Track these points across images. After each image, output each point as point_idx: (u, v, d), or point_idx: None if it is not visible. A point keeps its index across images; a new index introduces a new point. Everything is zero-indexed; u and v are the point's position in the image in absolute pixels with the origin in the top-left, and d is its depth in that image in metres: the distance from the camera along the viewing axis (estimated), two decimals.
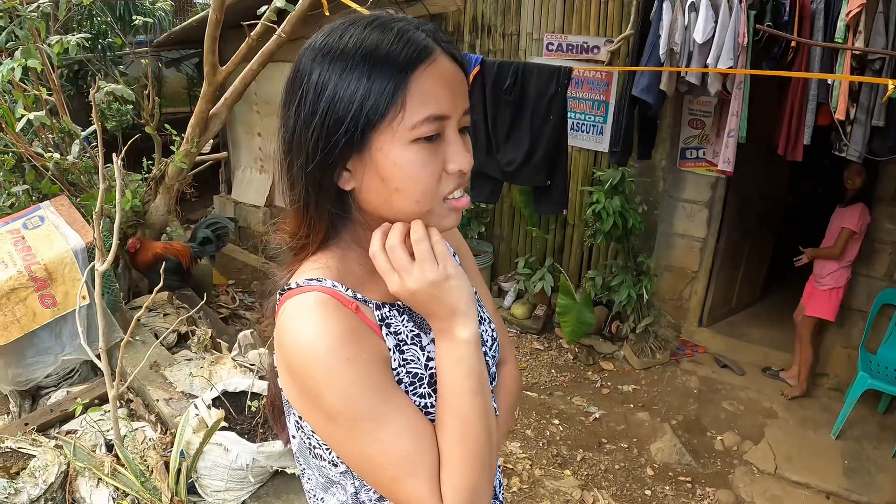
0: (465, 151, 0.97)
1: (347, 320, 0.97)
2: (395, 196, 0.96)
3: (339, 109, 0.91)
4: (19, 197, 4.11)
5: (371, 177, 0.96)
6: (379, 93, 0.89)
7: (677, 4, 3.84)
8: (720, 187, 5.08)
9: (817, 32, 3.69)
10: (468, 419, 0.96)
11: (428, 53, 0.92)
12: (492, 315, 1.29)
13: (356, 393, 0.92)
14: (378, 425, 0.93)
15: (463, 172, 0.98)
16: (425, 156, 0.93)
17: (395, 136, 0.91)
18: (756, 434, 4.51)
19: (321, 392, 0.93)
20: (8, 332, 3.36)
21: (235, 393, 3.18)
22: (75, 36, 3.63)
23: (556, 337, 5.77)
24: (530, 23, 5.44)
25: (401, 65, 0.90)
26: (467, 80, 1.03)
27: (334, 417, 0.94)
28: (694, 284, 5.46)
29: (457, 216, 1.03)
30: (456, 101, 0.96)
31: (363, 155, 0.94)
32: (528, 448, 4.33)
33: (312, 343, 0.92)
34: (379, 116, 0.90)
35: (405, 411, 0.96)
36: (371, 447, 0.94)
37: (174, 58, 8.24)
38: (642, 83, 4.15)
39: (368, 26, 0.94)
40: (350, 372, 0.92)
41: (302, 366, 0.93)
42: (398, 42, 0.91)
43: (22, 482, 2.81)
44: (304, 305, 0.96)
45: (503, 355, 1.30)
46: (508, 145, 4.27)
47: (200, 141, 4.38)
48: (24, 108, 3.74)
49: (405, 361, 1.04)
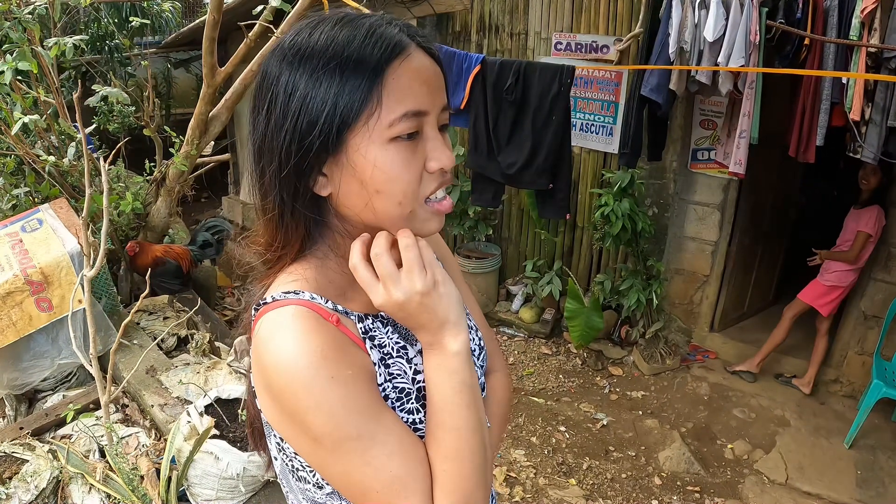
0: (444, 148, 0.93)
1: (329, 335, 0.91)
2: (375, 199, 0.91)
3: (312, 110, 0.86)
4: (20, 199, 4.09)
5: (349, 180, 0.91)
6: (352, 91, 0.85)
7: (687, 2, 3.75)
8: (732, 189, 4.97)
9: (831, 30, 3.58)
10: (461, 434, 0.91)
11: (402, 49, 0.88)
12: (479, 323, 1.24)
13: (341, 413, 0.86)
14: (366, 446, 0.87)
15: (444, 171, 0.94)
16: (405, 155, 0.89)
17: (371, 135, 0.87)
18: (767, 443, 4.41)
19: (304, 413, 0.87)
20: (3, 335, 3.34)
21: (229, 400, 3.13)
22: (72, 38, 3.59)
23: (564, 341, 5.69)
24: (538, 22, 5.36)
25: (374, 61, 0.86)
26: (444, 77, 0.97)
27: (319, 439, 0.88)
28: (705, 289, 5.35)
29: (440, 220, 0.99)
30: (434, 96, 0.91)
31: (339, 157, 0.90)
32: (533, 456, 4.25)
33: (292, 361, 0.86)
34: (354, 116, 0.86)
35: (394, 430, 0.90)
36: (359, 469, 0.88)
37: (183, 59, 8.22)
38: (651, 83, 4.06)
39: (338, 24, 0.90)
40: (334, 391, 0.86)
41: (282, 386, 0.87)
42: (370, 38, 0.87)
43: (13, 487, 2.78)
44: (281, 321, 0.90)
45: (492, 364, 1.25)
46: (510, 147, 4.19)
47: (201, 143, 4.33)
48: (22, 111, 3.71)
49: (391, 376, 0.99)
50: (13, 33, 3.44)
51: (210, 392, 3.14)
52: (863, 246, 4.44)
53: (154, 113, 4.35)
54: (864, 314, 4.68)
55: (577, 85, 5.20)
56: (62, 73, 4.86)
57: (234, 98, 4.35)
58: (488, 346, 1.24)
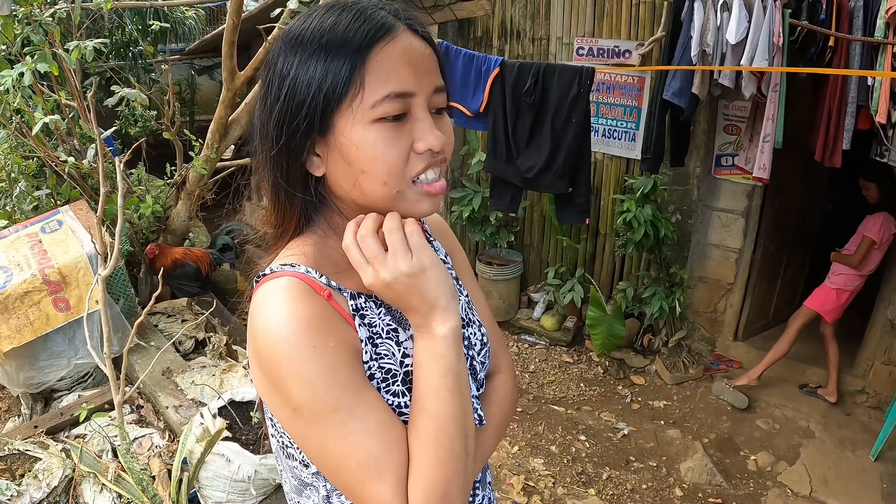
0: (433, 129, 0.92)
1: (316, 306, 0.92)
2: (361, 179, 0.92)
3: (300, 92, 0.89)
4: (42, 201, 4.14)
5: (337, 160, 0.93)
6: (336, 73, 0.87)
7: (709, 4, 3.69)
8: (757, 196, 4.88)
9: (856, 31, 3.52)
10: (442, 420, 0.90)
11: (387, 30, 0.89)
12: (486, 321, 1.24)
13: (321, 384, 0.87)
14: (343, 419, 0.87)
15: (434, 152, 0.93)
16: (388, 135, 0.90)
17: (355, 116, 0.88)
18: (791, 454, 4.30)
19: (284, 381, 0.88)
20: (21, 334, 3.36)
21: (243, 403, 3.12)
22: (93, 42, 3.62)
23: (585, 350, 5.63)
24: (560, 27, 5.32)
25: (357, 43, 0.87)
26: (440, 59, 0.97)
27: (298, 409, 0.89)
28: (729, 297, 5.26)
29: (432, 202, 0.97)
30: (422, 77, 0.91)
31: (328, 138, 0.92)
32: (552, 465, 4.19)
33: (277, 328, 0.88)
34: (338, 97, 0.88)
35: (374, 408, 0.90)
36: (335, 444, 0.88)
37: (206, 65, 8.30)
38: (674, 87, 4.00)
39: (331, 9, 0.92)
40: (315, 360, 0.87)
41: (266, 352, 0.89)
42: (356, 21, 0.89)
43: (25, 484, 2.78)
44: (272, 290, 0.93)
45: (497, 364, 1.23)
46: (529, 150, 4.14)
47: (220, 147, 4.35)
48: (43, 113, 3.75)
49: (378, 355, 0.98)
50: (34, 36, 3.48)
51: (224, 394, 3.13)
52: (867, 251, 4.41)
53: (175, 117, 4.36)
54: (892, 323, 4.56)
55: (600, 90, 5.16)
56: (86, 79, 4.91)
57: (254, 102, 4.36)
58: (494, 346, 1.23)
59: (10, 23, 3.47)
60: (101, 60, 3.85)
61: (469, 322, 1.17)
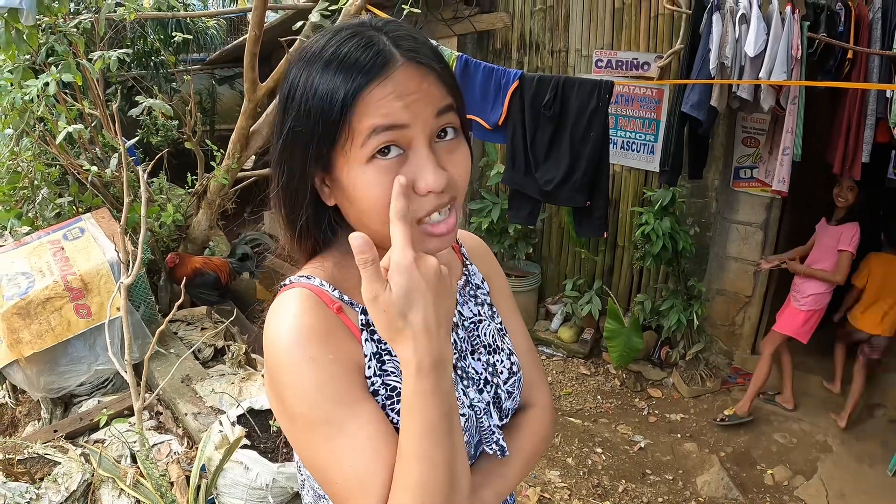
0: (434, 167, 0.87)
1: (322, 317, 0.94)
2: (363, 217, 0.91)
3: (300, 133, 0.89)
4: (64, 208, 4.19)
5: (340, 196, 0.94)
6: (328, 115, 0.86)
7: (727, 17, 3.69)
8: (775, 208, 4.86)
9: (875, 43, 3.52)
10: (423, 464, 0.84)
11: (381, 68, 0.85)
12: (522, 352, 1.21)
13: (315, 396, 0.88)
14: (333, 434, 0.88)
15: (435, 193, 0.88)
16: (382, 176, 0.86)
17: (349, 155, 0.87)
18: (808, 469, 4.27)
19: (283, 388, 0.90)
20: (42, 340, 3.40)
21: (262, 411, 3.13)
22: (116, 52, 3.68)
23: (603, 362, 5.62)
24: (579, 39, 5.34)
25: (349, 84, 0.85)
26: (445, 76, 0.92)
27: (294, 419, 0.91)
28: (747, 310, 5.23)
29: (439, 241, 0.91)
30: (417, 107, 0.86)
31: (331, 174, 0.91)
32: (568, 477, 4.18)
33: (281, 337, 0.91)
34: (331, 139, 0.87)
35: (367, 425, 0.88)
36: (324, 457, 0.88)
37: (227, 75, 8.38)
38: (692, 99, 3.99)
39: (335, 36, 0.90)
40: (312, 372, 0.88)
41: (270, 360, 0.92)
42: (354, 53, 0.86)
43: (44, 488, 2.81)
44: (284, 300, 0.96)
45: (532, 398, 1.21)
46: (547, 164, 4.14)
47: (241, 157, 4.39)
48: (67, 122, 3.81)
49: (383, 372, 0.97)
50: (58, 46, 3.54)
51: (243, 402, 3.15)
52: (848, 266, 4.32)
53: (196, 127, 4.41)
54: None
55: (618, 102, 5.17)
56: (108, 88, 4.98)
57: (276, 113, 4.40)
58: (531, 378, 1.21)
59: (34, 32, 3.52)
60: (123, 70, 3.90)
61: (497, 349, 1.16)
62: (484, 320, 1.17)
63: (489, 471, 1.07)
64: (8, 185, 4.27)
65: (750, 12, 3.59)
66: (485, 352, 1.14)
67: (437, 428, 0.84)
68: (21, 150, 4.15)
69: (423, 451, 0.83)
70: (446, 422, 0.85)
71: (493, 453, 1.07)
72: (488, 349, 1.15)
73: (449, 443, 0.85)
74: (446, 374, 0.85)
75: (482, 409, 1.08)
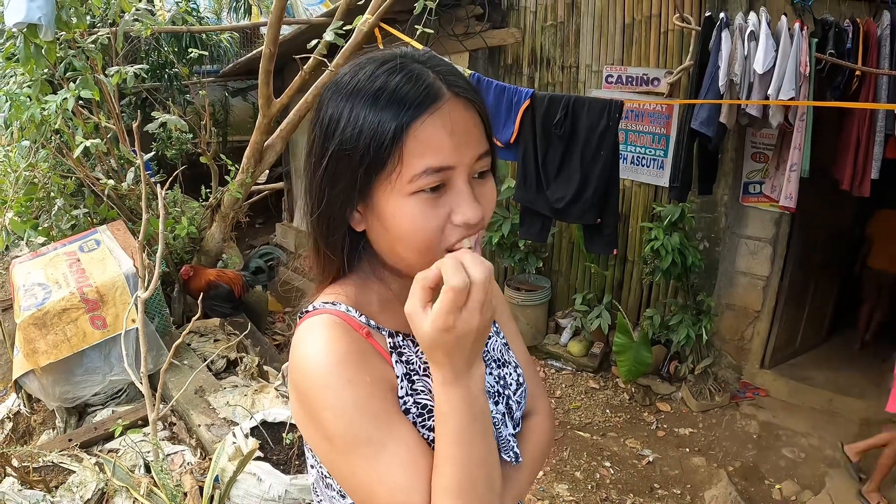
0: (472, 202, 0.92)
1: (354, 343, 0.96)
2: (397, 245, 0.95)
3: (343, 158, 0.91)
4: (79, 220, 4.24)
5: (375, 223, 0.96)
6: (378, 146, 0.88)
7: (736, 34, 3.72)
8: (784, 223, 4.88)
9: (883, 60, 3.52)
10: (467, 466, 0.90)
11: (431, 102, 0.89)
12: (522, 362, 1.26)
13: (354, 416, 0.91)
14: (375, 452, 0.90)
15: (470, 224, 0.93)
16: (425, 208, 0.90)
17: (393, 187, 0.90)
18: (816, 484, 4.26)
19: (320, 411, 0.92)
20: (58, 350, 3.45)
21: (275, 423, 3.16)
22: (133, 67, 3.74)
23: (612, 376, 5.62)
24: (589, 55, 5.38)
25: (400, 117, 0.87)
26: (486, 117, 0.98)
27: (331, 439, 0.92)
28: (756, 324, 5.23)
29: None
30: (462, 149, 0.91)
31: (368, 201, 0.94)
32: (576, 491, 4.19)
33: (315, 362, 0.92)
34: (377, 170, 0.89)
35: (405, 441, 0.92)
36: (366, 473, 0.90)
37: (240, 87, 8.46)
38: (701, 116, 4.02)
39: (380, 67, 0.92)
40: (350, 393, 0.91)
41: (304, 384, 0.93)
42: (404, 86, 0.89)
43: (59, 496, 2.85)
44: (313, 326, 0.97)
45: (534, 406, 1.26)
46: (558, 182, 4.17)
47: (255, 171, 4.44)
48: (83, 135, 3.86)
49: (414, 391, 1.01)
50: (76, 62, 3.59)
51: (256, 414, 3.18)
52: None
53: (210, 140, 4.46)
54: None
55: (628, 118, 5.19)
56: (123, 100, 5.04)
57: (289, 128, 4.46)
58: (531, 388, 1.25)
59: (53, 48, 3.58)
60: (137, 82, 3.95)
61: (505, 363, 1.20)
62: (491, 336, 1.21)
63: (507, 476, 1.10)
64: (24, 196, 4.32)
65: (759, 29, 3.62)
66: (495, 366, 1.18)
67: (471, 430, 0.89)
68: (38, 161, 4.21)
69: (459, 454, 0.88)
70: (479, 424, 0.90)
71: (509, 461, 1.10)
72: (498, 363, 1.19)
73: (483, 444, 0.91)
74: (478, 379, 0.91)
75: (499, 420, 1.12)
